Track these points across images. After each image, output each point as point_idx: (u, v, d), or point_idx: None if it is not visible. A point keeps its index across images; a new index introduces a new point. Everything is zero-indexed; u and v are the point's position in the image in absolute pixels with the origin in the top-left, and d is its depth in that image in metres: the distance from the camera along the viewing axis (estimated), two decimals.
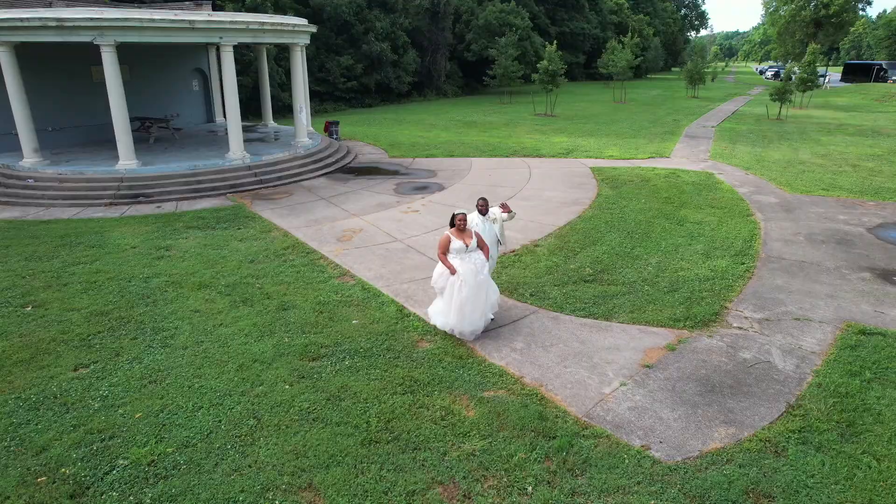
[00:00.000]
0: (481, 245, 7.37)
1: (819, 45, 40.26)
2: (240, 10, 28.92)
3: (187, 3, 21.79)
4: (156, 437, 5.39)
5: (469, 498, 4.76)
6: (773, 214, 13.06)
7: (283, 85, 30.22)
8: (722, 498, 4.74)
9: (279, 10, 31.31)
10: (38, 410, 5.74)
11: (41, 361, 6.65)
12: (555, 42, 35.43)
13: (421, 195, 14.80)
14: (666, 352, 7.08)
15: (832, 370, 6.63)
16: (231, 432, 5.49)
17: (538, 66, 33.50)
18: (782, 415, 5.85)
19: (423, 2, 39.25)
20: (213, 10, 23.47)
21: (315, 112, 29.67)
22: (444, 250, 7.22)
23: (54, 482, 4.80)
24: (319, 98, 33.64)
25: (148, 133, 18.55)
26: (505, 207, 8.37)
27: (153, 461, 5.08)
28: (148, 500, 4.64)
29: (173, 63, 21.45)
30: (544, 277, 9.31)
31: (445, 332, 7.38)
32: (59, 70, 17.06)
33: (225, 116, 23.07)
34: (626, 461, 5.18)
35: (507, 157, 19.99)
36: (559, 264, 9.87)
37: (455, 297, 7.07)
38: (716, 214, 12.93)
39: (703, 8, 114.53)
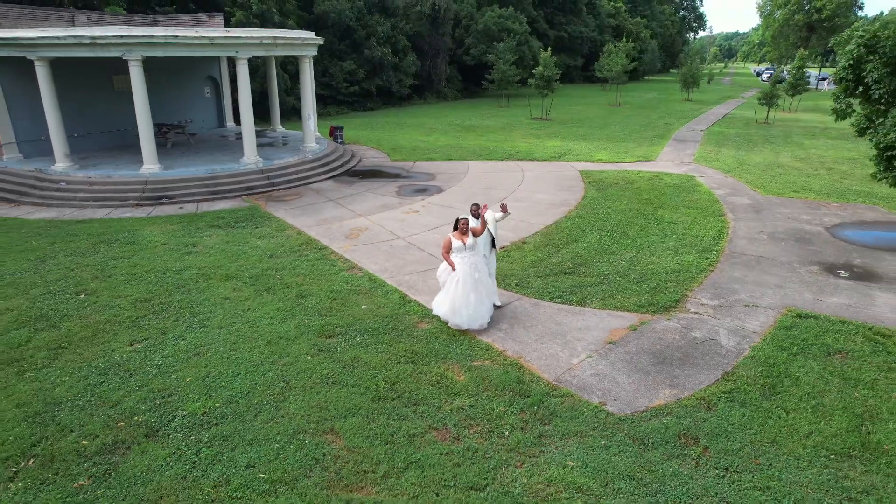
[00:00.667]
0: (476, 232, 8.49)
1: (808, 51, 41.47)
2: (248, 17, 30.19)
3: (200, 14, 23.04)
4: (205, 396, 6.65)
5: (458, 439, 6.01)
6: (743, 215, 14.29)
7: (288, 90, 31.47)
8: (658, 439, 6.00)
9: (284, 16, 32.55)
10: (107, 375, 7.01)
11: (101, 338, 7.91)
12: (550, 48, 36.62)
13: (421, 197, 16.04)
14: (629, 331, 8.32)
15: (766, 346, 7.88)
16: (266, 392, 6.75)
17: (534, 71, 34.68)
18: (718, 380, 7.10)
19: (423, 7, 40.52)
20: (224, 17, 24.70)
21: (319, 116, 30.86)
22: (447, 250, 8.40)
23: (131, 426, 6.07)
24: (323, 102, 34.90)
25: (165, 138, 19.81)
26: (504, 208, 9.48)
27: (205, 412, 6.34)
28: (205, 439, 5.90)
29: (187, 71, 22.72)
30: (529, 270, 10.56)
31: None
32: (84, 79, 18.30)
33: (235, 122, 24.44)
34: (586, 413, 6.43)
35: (502, 160, 21.21)
36: (543, 259, 11.12)
37: (451, 292, 8.28)
38: (690, 214, 14.16)
39: (702, 10, 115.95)
